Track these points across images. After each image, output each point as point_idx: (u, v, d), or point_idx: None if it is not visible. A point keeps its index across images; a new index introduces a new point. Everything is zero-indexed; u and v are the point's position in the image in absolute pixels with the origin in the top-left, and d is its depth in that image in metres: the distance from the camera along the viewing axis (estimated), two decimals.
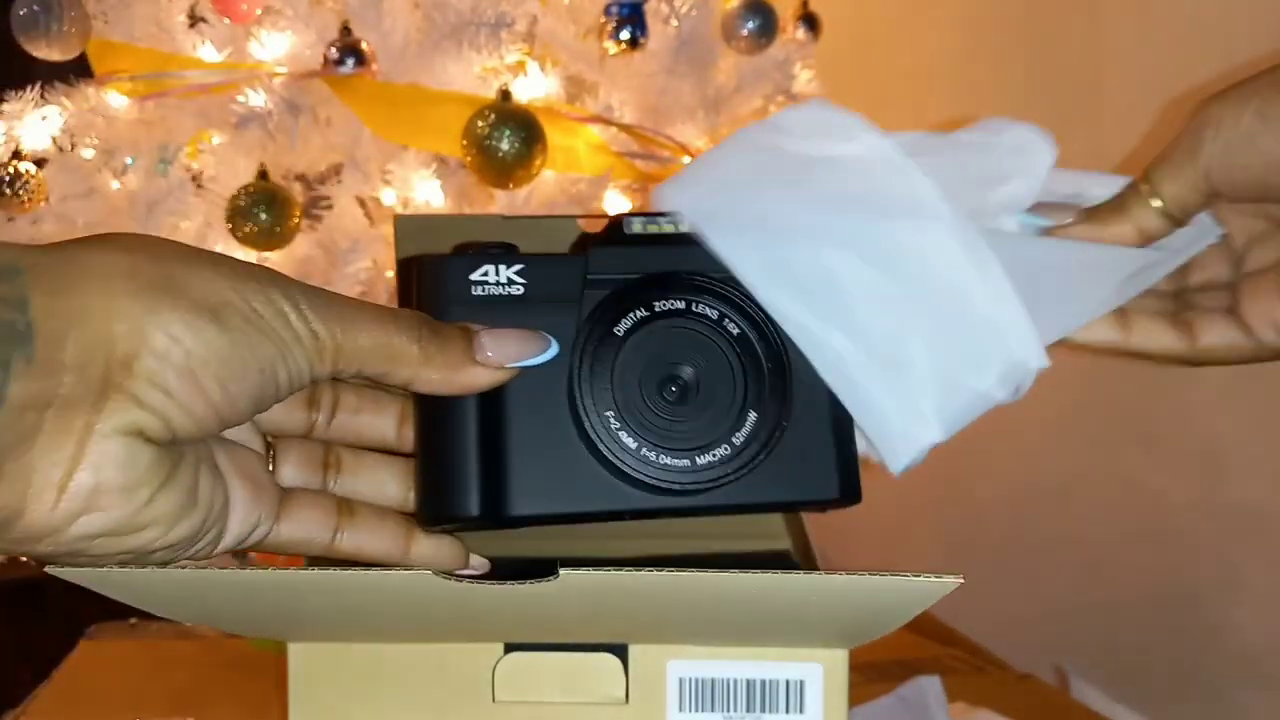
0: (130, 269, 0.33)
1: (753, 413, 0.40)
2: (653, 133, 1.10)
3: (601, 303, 0.40)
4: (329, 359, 0.36)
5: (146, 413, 0.32)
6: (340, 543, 0.40)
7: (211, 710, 0.64)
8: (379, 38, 0.98)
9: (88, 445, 0.32)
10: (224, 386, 0.34)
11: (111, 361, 0.32)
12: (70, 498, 0.32)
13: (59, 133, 1.02)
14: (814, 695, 0.47)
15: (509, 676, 0.47)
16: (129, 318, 0.32)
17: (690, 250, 0.41)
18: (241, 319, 0.34)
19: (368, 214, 1.03)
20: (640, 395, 0.40)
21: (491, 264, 0.40)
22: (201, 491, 0.35)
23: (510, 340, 0.39)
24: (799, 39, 1.25)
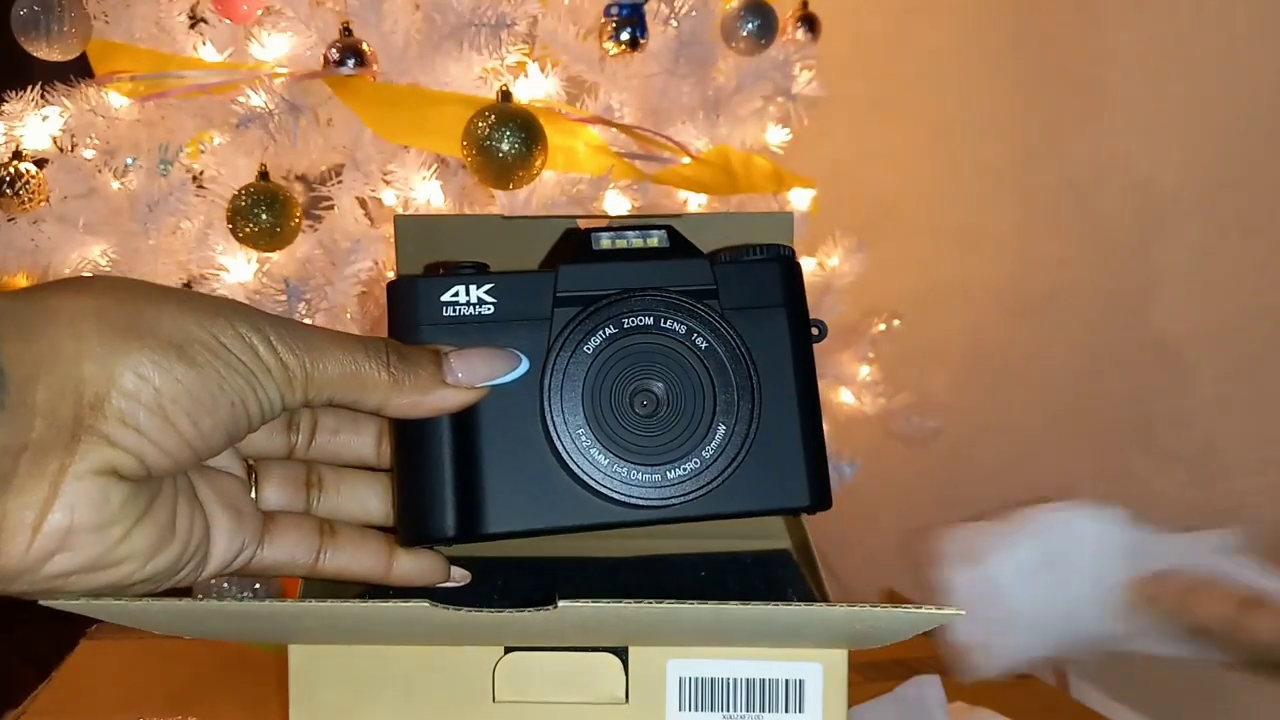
0: (97, 311, 0.33)
1: (721, 425, 0.41)
2: (653, 133, 1.10)
3: (571, 320, 0.41)
4: (299, 388, 0.36)
5: (119, 451, 0.33)
6: (323, 564, 0.41)
7: (211, 710, 0.64)
8: (380, 38, 0.98)
9: (61, 486, 0.32)
10: (195, 422, 0.34)
11: (81, 403, 0.32)
12: (44, 538, 0.32)
13: (59, 133, 1.02)
14: (814, 695, 0.47)
15: (509, 676, 0.47)
16: (97, 359, 0.32)
17: (658, 265, 0.42)
18: (210, 354, 0.34)
19: (368, 214, 1.03)
20: (611, 410, 0.41)
21: (462, 284, 0.41)
22: (179, 524, 0.36)
23: (479, 360, 0.40)
24: (799, 39, 1.25)
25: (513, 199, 0.98)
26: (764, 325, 0.43)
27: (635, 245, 0.43)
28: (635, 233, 0.43)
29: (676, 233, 0.43)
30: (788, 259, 0.44)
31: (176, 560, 0.36)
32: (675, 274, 0.42)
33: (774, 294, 0.43)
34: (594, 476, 0.41)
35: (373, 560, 0.41)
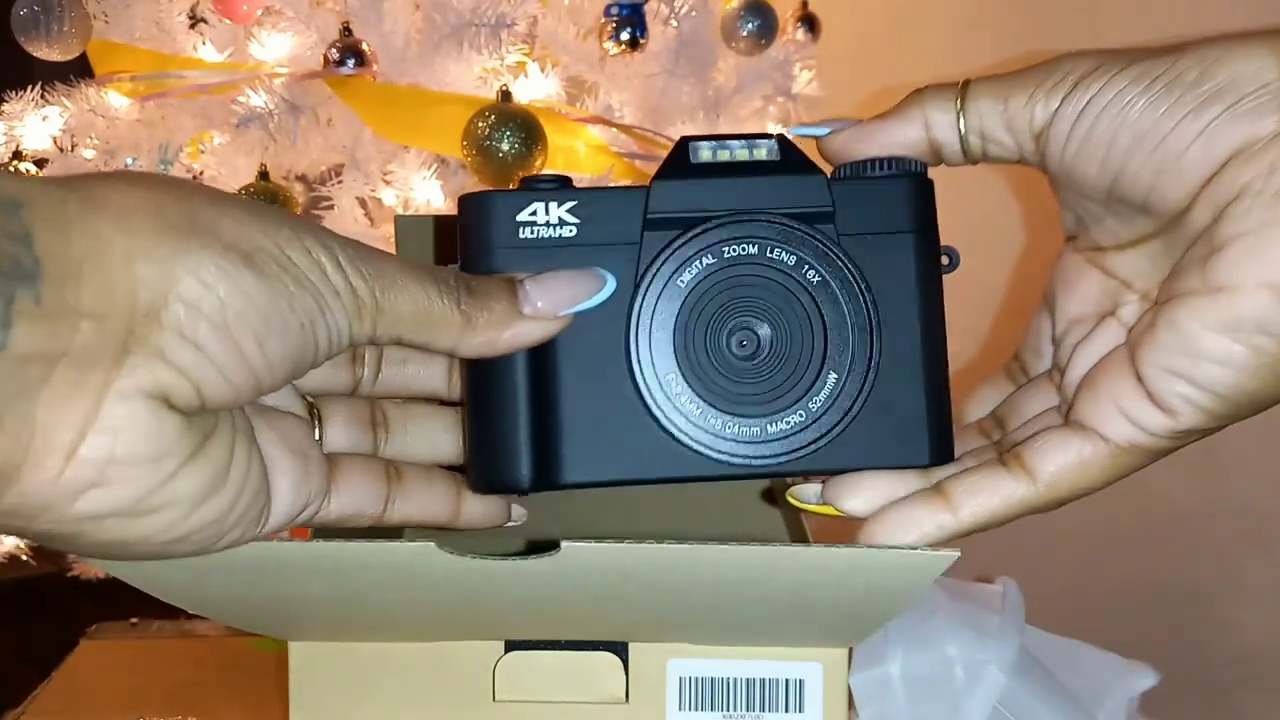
0: (153, 205, 0.28)
1: (832, 373, 0.36)
2: (653, 133, 1.10)
3: (664, 248, 0.36)
4: (369, 320, 0.32)
5: (175, 373, 0.28)
6: (391, 513, 0.37)
7: (211, 710, 0.64)
8: (380, 38, 0.98)
9: (104, 407, 0.27)
10: (261, 343, 0.29)
11: (135, 309, 0.27)
12: (80, 465, 0.27)
13: (59, 133, 1.02)
14: (814, 694, 0.47)
15: (509, 675, 0.47)
16: (154, 259, 0.28)
17: (767, 182, 0.37)
18: (279, 267, 0.30)
19: (368, 214, 1.03)
20: (706, 353, 0.36)
21: (541, 202, 0.36)
22: (235, 469, 0.31)
23: (559, 285, 0.35)
24: (799, 39, 1.25)
25: None
26: (887, 254, 0.37)
27: (740, 158, 0.37)
28: (741, 143, 0.37)
29: (789, 144, 0.37)
30: (918, 176, 0.38)
31: (227, 510, 0.31)
32: (785, 193, 0.37)
33: (900, 217, 0.37)
34: (683, 429, 0.36)
35: (440, 505, 0.38)
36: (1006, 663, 0.54)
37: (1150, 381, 0.33)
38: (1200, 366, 0.32)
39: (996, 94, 0.35)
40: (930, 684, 0.53)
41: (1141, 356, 0.33)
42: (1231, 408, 0.33)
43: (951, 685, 0.53)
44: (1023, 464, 0.35)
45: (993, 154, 0.36)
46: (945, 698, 0.53)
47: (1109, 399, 0.34)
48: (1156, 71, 0.32)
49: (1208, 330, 0.31)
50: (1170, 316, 0.32)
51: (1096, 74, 0.33)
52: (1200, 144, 0.32)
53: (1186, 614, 1.12)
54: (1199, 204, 0.32)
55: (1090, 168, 0.34)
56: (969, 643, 0.54)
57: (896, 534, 0.36)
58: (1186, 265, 0.33)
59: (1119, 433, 0.34)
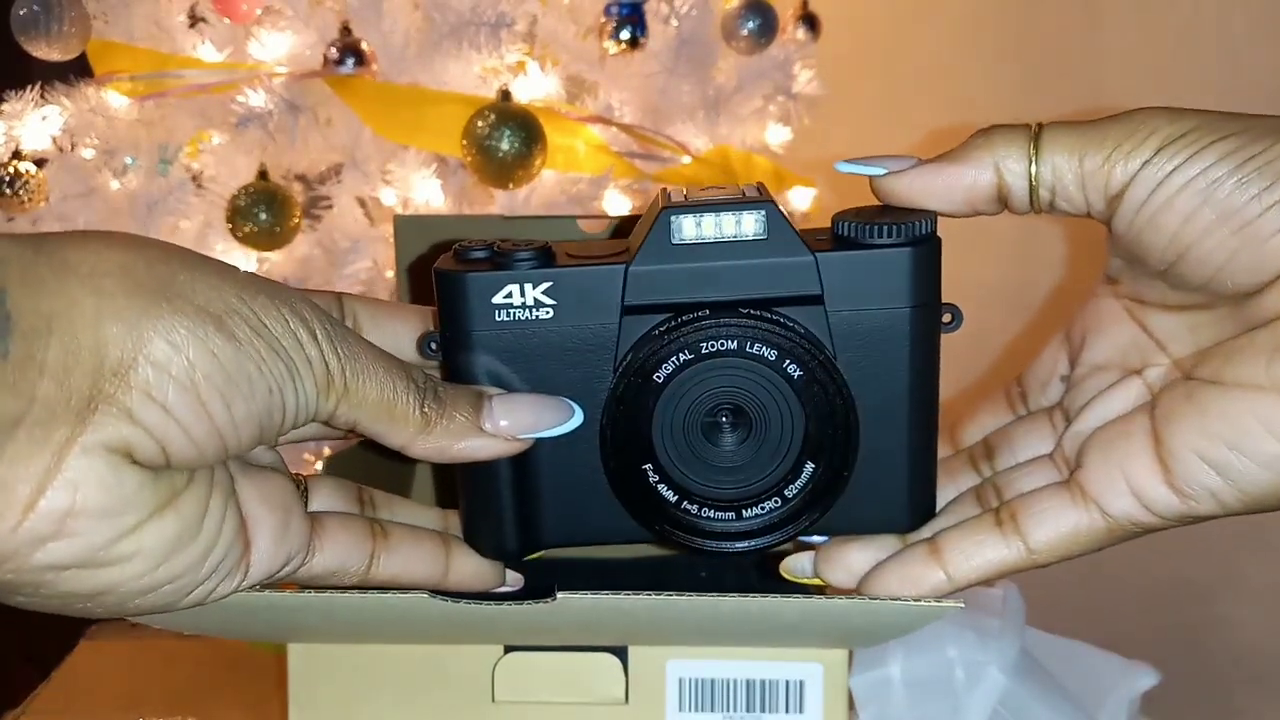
0: (124, 267, 0.29)
1: (810, 463, 0.35)
2: (653, 133, 1.10)
3: (640, 340, 0.35)
4: (334, 399, 0.32)
5: (139, 430, 0.28)
6: (376, 571, 0.37)
7: (211, 710, 0.64)
8: (379, 38, 0.97)
9: (66, 460, 0.28)
10: (229, 405, 0.30)
11: (102, 368, 0.28)
12: (39, 518, 0.28)
13: (59, 133, 1.02)
14: (814, 695, 0.47)
15: (509, 676, 0.47)
16: (124, 319, 0.28)
17: (751, 266, 0.35)
18: (250, 331, 0.30)
19: (368, 214, 1.03)
20: (682, 445, 0.35)
21: (517, 284, 0.35)
22: (208, 524, 0.31)
23: (525, 409, 0.35)
24: (799, 39, 1.25)
25: (512, 198, 0.98)
26: (881, 332, 0.35)
27: (725, 235, 0.34)
28: (727, 215, 0.34)
29: (778, 214, 0.35)
30: (924, 243, 0.35)
31: (198, 563, 0.31)
32: (770, 277, 0.34)
33: (899, 292, 0.35)
34: (661, 516, 0.36)
35: (429, 565, 0.38)
36: (1006, 664, 0.54)
37: (1176, 463, 0.32)
38: (1241, 464, 0.30)
39: (1073, 147, 0.33)
40: (931, 685, 0.53)
41: (1173, 434, 0.32)
42: (1249, 506, 0.31)
43: (952, 686, 0.53)
44: (1017, 528, 0.35)
45: (1060, 208, 0.34)
46: (946, 699, 0.53)
47: (1120, 472, 0.33)
48: (1252, 151, 0.31)
49: (1265, 430, 0.30)
50: (1218, 403, 0.31)
51: (1184, 141, 0.31)
52: None
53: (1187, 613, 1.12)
54: (1272, 291, 0.31)
55: (1160, 238, 0.32)
56: (969, 644, 0.54)
57: (892, 590, 0.36)
58: (1248, 352, 0.31)
59: (1122, 510, 0.33)
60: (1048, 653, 0.60)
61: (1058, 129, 0.34)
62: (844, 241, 0.35)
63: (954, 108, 1.54)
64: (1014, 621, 0.56)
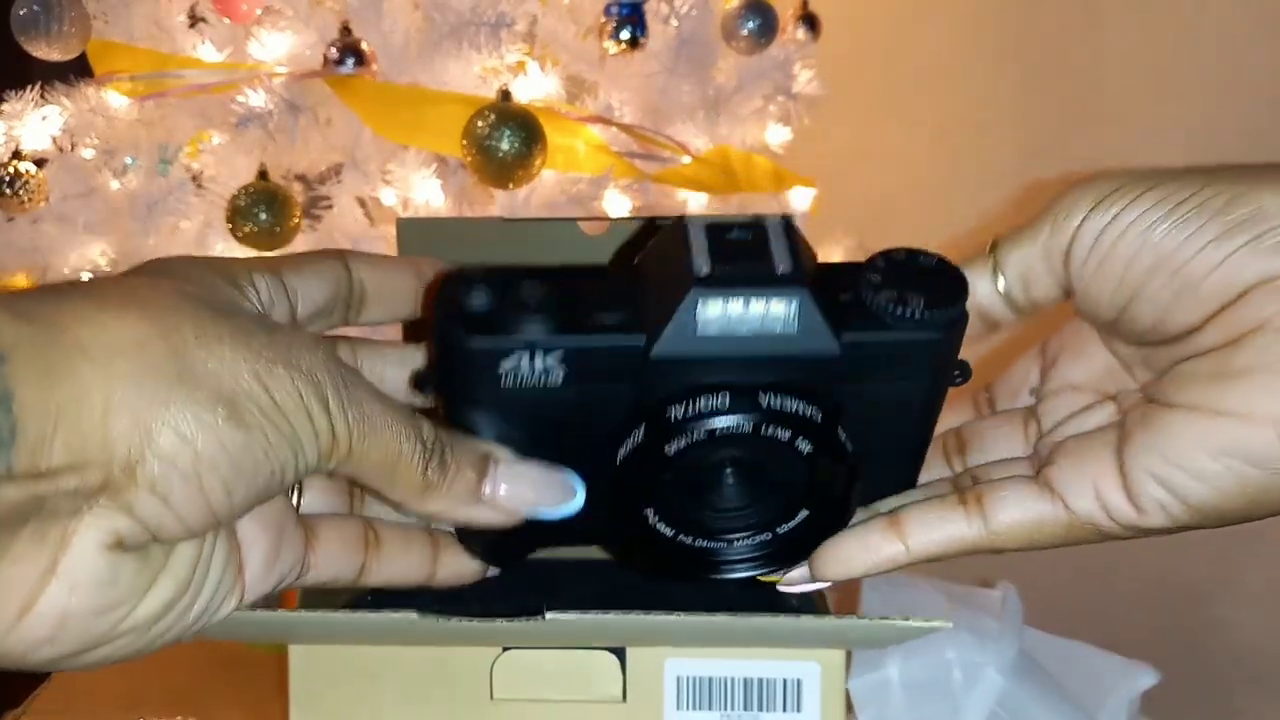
0: (135, 346, 0.28)
1: (805, 510, 0.36)
2: (653, 133, 1.10)
3: (653, 419, 0.33)
4: (336, 460, 0.31)
5: (133, 522, 0.28)
6: (368, 578, 0.37)
7: (211, 710, 0.64)
8: (379, 38, 0.97)
9: (62, 558, 0.27)
10: (230, 492, 0.29)
11: (109, 464, 0.27)
12: (34, 622, 0.27)
13: (59, 133, 1.02)
14: (811, 694, 0.47)
15: (507, 674, 0.47)
16: (133, 410, 0.27)
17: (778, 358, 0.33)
18: (261, 414, 0.29)
19: (368, 214, 1.03)
20: (685, 500, 0.35)
21: (526, 353, 0.32)
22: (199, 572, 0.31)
23: (527, 485, 0.34)
24: (799, 39, 1.25)
25: (512, 198, 0.98)
26: (898, 396, 0.35)
27: (752, 328, 0.32)
28: (759, 303, 0.32)
29: (810, 302, 0.32)
30: (952, 329, 0.34)
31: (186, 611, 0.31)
32: (797, 362, 0.33)
33: (923, 369, 0.35)
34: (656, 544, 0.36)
35: (416, 568, 0.38)
36: (1004, 665, 0.54)
37: (1130, 477, 0.33)
38: (1183, 479, 0.32)
39: (1023, 239, 0.35)
40: (929, 687, 0.53)
41: (1128, 452, 0.33)
42: (1198, 520, 0.33)
43: (950, 688, 0.54)
44: (981, 506, 0.35)
45: (1037, 296, 0.36)
46: (944, 701, 0.53)
47: (1087, 475, 0.34)
48: (1183, 195, 0.32)
49: (1201, 450, 0.32)
50: (1165, 424, 0.33)
51: (1119, 194, 0.33)
52: (1221, 273, 0.32)
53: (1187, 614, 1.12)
54: (1211, 326, 0.32)
55: (1108, 286, 0.34)
56: (967, 646, 0.54)
57: (849, 563, 0.36)
58: (1189, 378, 0.33)
59: (1085, 509, 0.34)
60: (1047, 653, 0.60)
61: (1007, 234, 0.36)
62: (871, 316, 0.33)
63: (954, 108, 1.54)
64: (1012, 623, 0.56)
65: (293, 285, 0.35)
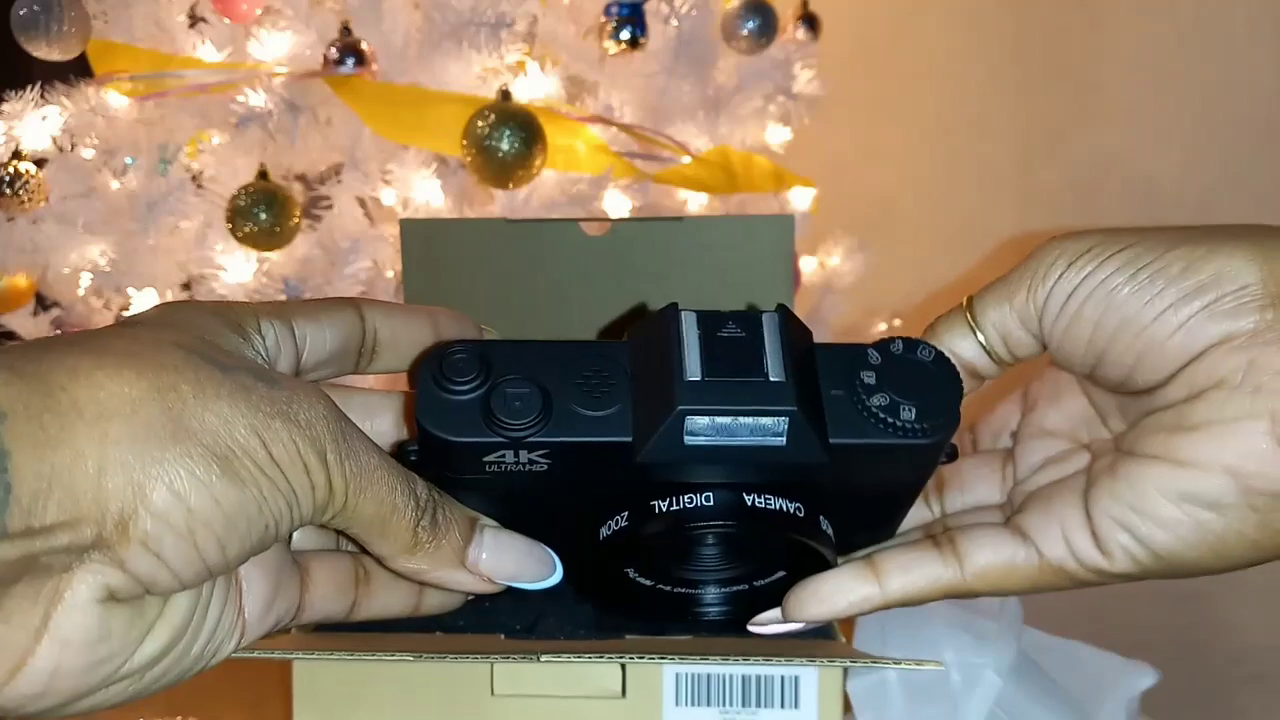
0: (130, 407, 0.27)
1: (783, 572, 0.37)
2: (653, 133, 1.10)
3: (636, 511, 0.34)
4: (332, 513, 0.32)
5: (126, 577, 0.28)
6: (357, 613, 0.37)
7: (211, 710, 0.64)
8: (379, 38, 0.98)
9: (54, 615, 0.27)
10: (224, 548, 0.29)
11: (103, 521, 0.27)
12: (25, 680, 0.27)
13: (59, 133, 1.02)
14: (809, 691, 0.47)
15: (508, 671, 0.47)
16: (125, 469, 0.27)
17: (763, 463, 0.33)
18: (257, 470, 0.29)
19: (368, 214, 1.03)
20: (665, 560, 0.36)
21: (510, 450, 0.32)
22: (194, 621, 0.31)
23: (510, 557, 0.35)
24: (799, 39, 1.25)
25: (512, 198, 0.98)
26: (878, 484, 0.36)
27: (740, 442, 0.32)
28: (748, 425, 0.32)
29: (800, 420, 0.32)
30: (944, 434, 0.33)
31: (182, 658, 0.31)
32: (784, 469, 0.33)
33: (906, 468, 0.35)
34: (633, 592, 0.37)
35: (403, 600, 0.38)
36: (1003, 666, 0.54)
37: (1097, 524, 0.35)
38: (1147, 525, 0.34)
39: (999, 297, 0.36)
40: (927, 688, 0.53)
41: (1094, 498, 0.35)
42: (1163, 568, 0.34)
43: (948, 689, 0.54)
44: (955, 550, 0.36)
45: (1017, 353, 0.37)
46: (943, 702, 0.53)
47: (1057, 521, 0.35)
48: (1144, 260, 0.34)
49: (1162, 496, 0.33)
50: (1129, 473, 0.34)
51: (1087, 256, 0.35)
52: (1181, 335, 0.33)
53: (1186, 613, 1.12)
54: (1174, 382, 0.34)
55: (1078, 346, 0.35)
56: (966, 647, 0.54)
57: (825, 603, 0.37)
58: (1153, 430, 0.34)
59: (1055, 552, 0.35)
60: (1047, 653, 0.60)
61: (982, 292, 0.37)
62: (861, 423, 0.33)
63: (954, 108, 1.54)
64: (1010, 624, 0.56)
65: (302, 332, 0.35)
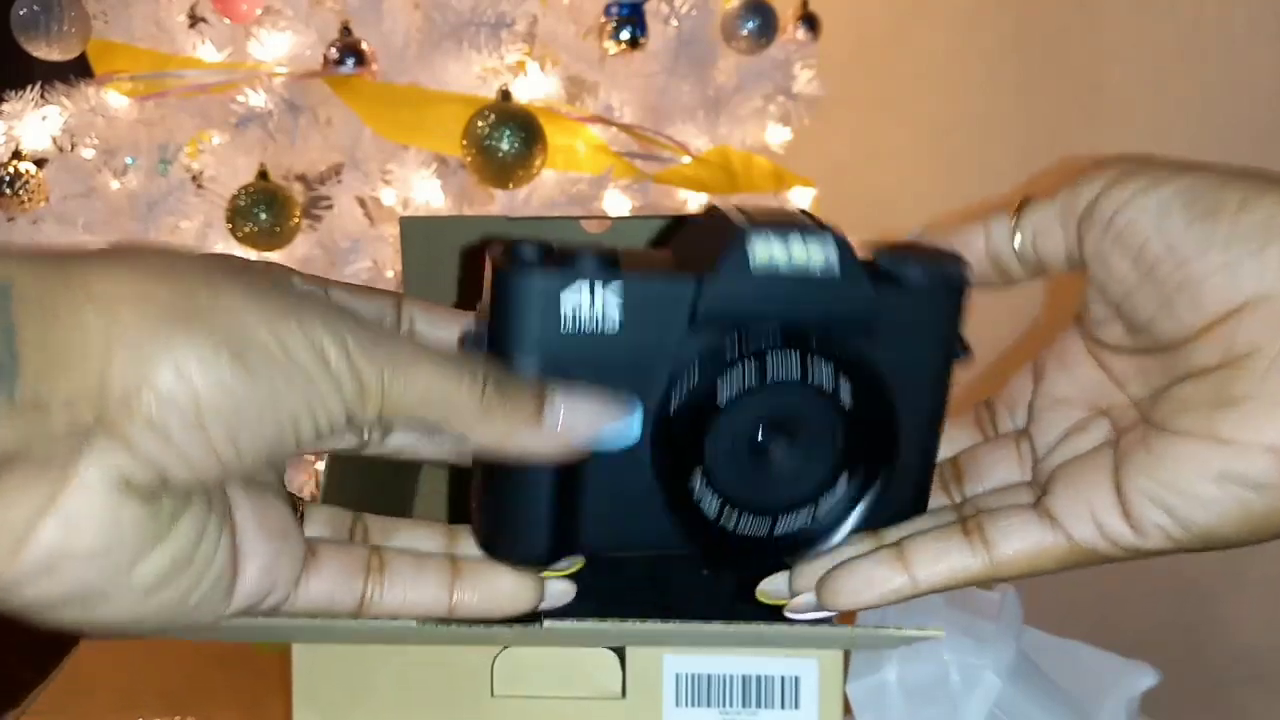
0: (142, 293, 0.27)
1: (846, 479, 0.37)
2: (653, 133, 1.10)
3: (705, 359, 0.34)
4: (373, 404, 0.31)
5: (138, 461, 0.27)
6: (371, 607, 0.35)
7: (211, 710, 0.64)
8: (379, 38, 0.98)
9: (63, 493, 0.27)
10: (234, 439, 0.29)
11: (108, 397, 0.27)
12: (31, 554, 0.27)
13: (59, 133, 1.02)
14: (809, 691, 0.47)
15: (508, 671, 0.47)
16: (132, 346, 0.27)
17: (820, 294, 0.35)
18: (268, 361, 0.29)
19: (368, 214, 1.03)
20: (732, 460, 0.35)
21: (587, 283, 0.33)
22: (200, 553, 0.30)
23: (585, 413, 0.33)
24: (799, 39, 1.25)
25: (513, 198, 0.98)
26: (917, 363, 0.37)
27: (798, 263, 0.34)
28: (802, 239, 0.34)
29: (847, 248, 0.35)
30: (957, 286, 0.37)
31: (187, 594, 0.30)
32: (835, 302, 0.35)
33: (935, 329, 0.37)
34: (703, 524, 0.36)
35: (431, 598, 0.35)
36: (1002, 667, 0.54)
37: (1130, 501, 0.34)
38: (1185, 505, 0.32)
39: (1048, 197, 0.36)
40: (927, 690, 0.54)
41: (1127, 475, 0.34)
42: (1200, 543, 0.33)
43: (948, 691, 0.54)
44: (983, 538, 0.36)
45: (1044, 254, 0.36)
46: (942, 703, 0.53)
47: (1085, 502, 0.35)
48: (1201, 190, 0.33)
49: (1202, 476, 0.32)
50: (1165, 449, 0.33)
51: (1143, 175, 0.34)
52: (1221, 278, 0.32)
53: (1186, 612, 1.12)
54: (1206, 342, 0.32)
55: (1119, 263, 0.34)
56: (965, 648, 0.54)
57: (857, 595, 0.36)
58: (1189, 403, 0.33)
59: (1084, 535, 0.35)
60: (1047, 653, 0.60)
61: (1033, 194, 0.37)
62: (890, 277, 0.36)
63: (954, 107, 1.54)
64: (1010, 625, 0.56)
65: (336, 298, 0.35)
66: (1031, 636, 0.59)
